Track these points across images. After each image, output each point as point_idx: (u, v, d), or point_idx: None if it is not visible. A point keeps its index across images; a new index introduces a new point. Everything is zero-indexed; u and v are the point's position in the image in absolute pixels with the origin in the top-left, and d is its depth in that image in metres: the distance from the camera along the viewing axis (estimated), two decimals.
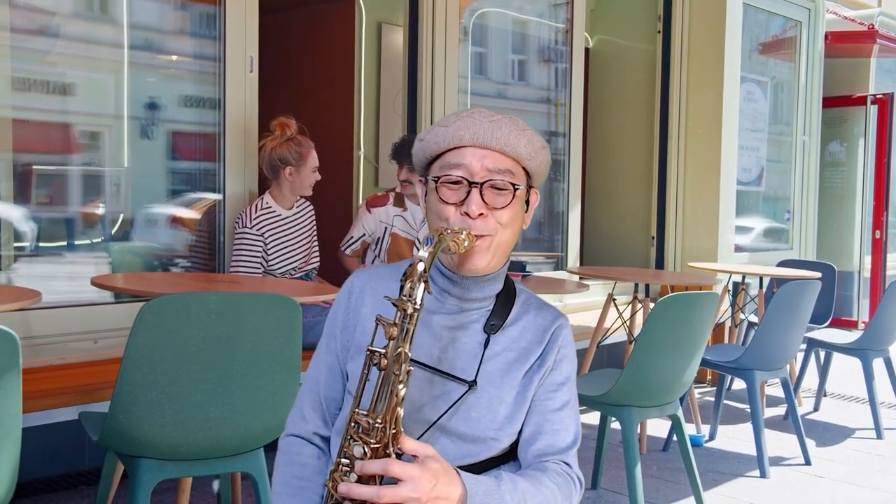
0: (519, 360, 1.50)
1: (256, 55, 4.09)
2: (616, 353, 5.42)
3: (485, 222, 1.44)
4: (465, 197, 1.44)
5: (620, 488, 3.66)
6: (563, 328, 1.55)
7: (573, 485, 1.49)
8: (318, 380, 1.56)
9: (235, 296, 2.34)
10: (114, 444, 2.31)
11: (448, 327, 1.49)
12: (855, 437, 4.74)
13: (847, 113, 7.94)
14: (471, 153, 1.45)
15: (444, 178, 1.46)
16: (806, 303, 4.07)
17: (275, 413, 2.34)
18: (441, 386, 1.45)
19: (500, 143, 1.45)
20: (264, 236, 3.77)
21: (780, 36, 7.05)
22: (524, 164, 1.49)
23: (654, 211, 6.40)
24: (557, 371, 1.53)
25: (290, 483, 1.52)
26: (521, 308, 1.55)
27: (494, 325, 1.50)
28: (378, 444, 1.26)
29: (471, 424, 1.45)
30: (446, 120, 1.48)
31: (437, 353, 1.47)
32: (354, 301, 1.55)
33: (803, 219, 7.22)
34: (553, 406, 1.51)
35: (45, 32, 3.63)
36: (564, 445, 1.51)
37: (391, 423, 1.26)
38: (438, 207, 1.46)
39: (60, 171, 3.79)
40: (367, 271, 1.59)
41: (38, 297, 2.48)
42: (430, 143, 1.49)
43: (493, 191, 1.45)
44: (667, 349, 3.18)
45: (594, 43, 6.85)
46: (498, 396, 1.47)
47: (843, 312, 7.78)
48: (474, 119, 1.45)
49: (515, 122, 1.47)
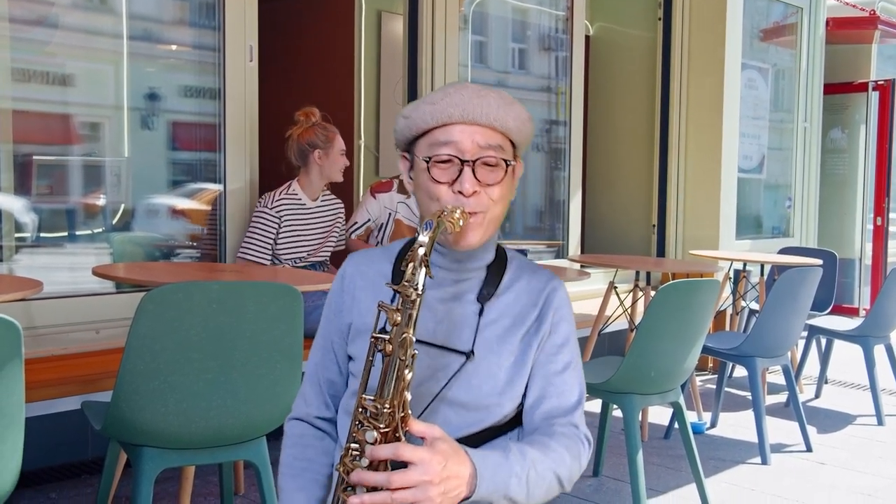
0: (515, 325, 1.50)
1: (256, 44, 4.09)
2: (617, 341, 5.43)
3: (478, 199, 1.43)
4: (457, 175, 1.43)
5: (622, 475, 3.67)
6: (558, 290, 1.55)
7: (581, 445, 1.49)
8: (316, 363, 1.59)
9: (237, 285, 2.34)
10: (116, 434, 2.32)
11: (442, 300, 1.49)
12: (856, 423, 4.75)
13: (848, 99, 7.92)
14: (460, 130, 1.43)
15: (435, 157, 1.44)
16: (807, 290, 4.07)
17: (276, 402, 2.35)
18: (440, 358, 1.45)
19: (489, 119, 1.43)
20: (281, 219, 3.81)
21: (780, 22, 7.03)
22: (511, 138, 1.48)
23: (655, 199, 6.40)
24: (556, 333, 1.52)
25: (294, 465, 1.54)
26: (513, 274, 1.55)
27: (487, 293, 1.50)
28: (387, 428, 1.26)
29: (472, 393, 1.45)
30: (433, 97, 1.46)
31: (432, 326, 1.47)
32: (347, 285, 1.56)
33: (804, 206, 7.22)
34: (555, 369, 1.51)
35: (45, 23, 3.63)
36: (569, 405, 1.51)
37: (399, 407, 1.26)
38: (430, 187, 1.45)
39: (61, 161, 3.78)
40: (358, 255, 1.60)
41: (40, 286, 2.49)
42: (416, 120, 1.46)
43: (485, 168, 1.44)
44: (668, 337, 3.18)
45: (594, 30, 6.83)
46: (497, 363, 1.47)
47: (844, 299, 7.78)
48: (462, 95, 1.43)
49: (503, 96, 1.46)
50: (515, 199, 6.57)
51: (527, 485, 1.36)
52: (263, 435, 2.43)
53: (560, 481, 1.43)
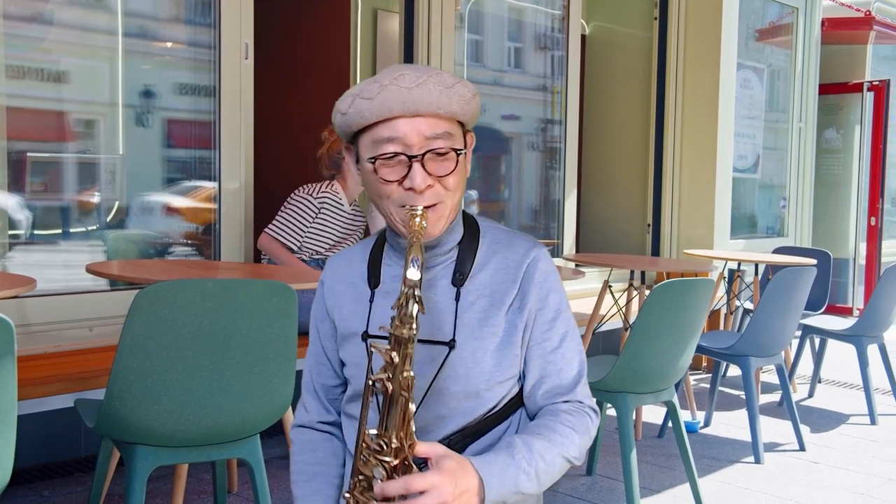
0: (495, 305, 1.43)
1: (252, 42, 4.08)
2: (612, 340, 5.44)
3: (433, 192, 1.37)
4: (406, 172, 1.35)
5: (616, 474, 3.67)
6: (539, 261, 1.47)
7: (588, 418, 1.45)
8: (310, 370, 1.59)
9: (231, 282, 2.34)
10: (109, 431, 2.31)
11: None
12: (849, 423, 4.76)
13: (843, 100, 7.94)
14: (403, 123, 1.34)
15: (380, 156, 1.35)
16: (801, 289, 4.07)
17: (270, 400, 2.35)
18: (423, 353, 1.40)
19: (432, 107, 1.34)
20: (320, 210, 3.86)
21: (776, 22, 7.04)
22: (458, 119, 1.40)
23: (650, 198, 6.40)
24: (545, 308, 1.46)
25: (306, 470, 1.53)
26: (488, 248, 1.48)
27: (462, 275, 1.44)
28: (396, 459, 1.23)
29: (460, 381, 1.41)
30: (368, 89, 1.34)
31: None
32: (327, 291, 1.54)
33: (799, 206, 7.23)
34: (551, 346, 1.46)
35: (40, 19, 3.62)
36: (571, 381, 1.46)
37: (406, 438, 1.23)
38: (379, 188, 1.37)
39: (55, 158, 3.78)
40: (335, 259, 1.57)
41: (34, 284, 2.48)
42: (353, 117, 1.37)
43: (435, 159, 1.36)
44: (662, 336, 3.19)
45: (590, 30, 6.83)
46: (481, 347, 1.42)
47: (838, 299, 7.80)
48: (399, 86, 1.33)
49: (443, 79, 1.35)
50: (510, 198, 6.55)
51: (537, 477, 1.34)
52: (257, 433, 2.43)
53: (570, 461, 1.41)
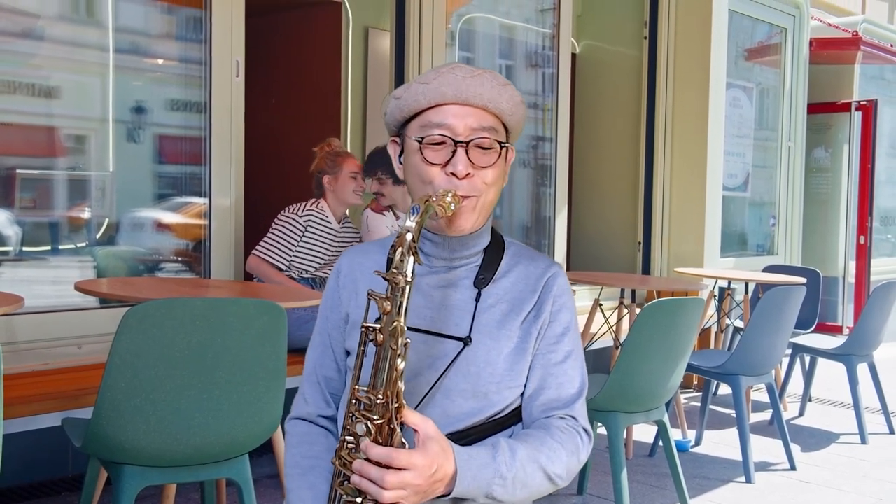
0: (513, 311, 1.47)
1: (243, 59, 4.08)
2: (602, 359, 5.43)
3: (471, 182, 1.41)
4: (450, 157, 1.40)
5: (607, 494, 3.66)
6: (558, 277, 1.52)
7: (579, 438, 1.46)
8: (314, 361, 1.57)
9: (220, 301, 2.33)
10: (97, 451, 2.29)
11: (438, 287, 1.47)
12: (839, 441, 4.76)
13: (832, 119, 7.99)
14: (453, 111, 1.40)
15: (428, 138, 1.41)
16: (791, 308, 4.08)
17: (259, 419, 2.33)
18: (437, 346, 1.42)
19: (482, 100, 1.41)
20: (306, 229, 3.85)
21: (765, 42, 7.09)
22: (504, 120, 1.46)
23: (640, 216, 6.42)
24: (556, 322, 1.50)
25: (301, 463, 1.52)
26: (511, 259, 1.52)
27: (484, 278, 1.48)
28: (381, 419, 1.25)
29: (470, 379, 1.42)
30: (425, 76, 1.42)
31: (429, 314, 1.45)
32: (343, 280, 1.54)
33: (788, 224, 7.26)
34: (555, 359, 1.48)
35: (30, 35, 3.61)
36: (569, 397, 1.48)
37: (393, 397, 1.25)
38: (422, 169, 1.42)
39: (45, 174, 3.76)
40: (354, 250, 1.59)
41: (21, 301, 2.46)
42: (408, 100, 1.43)
43: (478, 150, 1.41)
44: (653, 354, 3.19)
45: (581, 48, 6.86)
46: (496, 348, 1.44)
47: (827, 318, 7.82)
48: (455, 75, 1.40)
49: (496, 77, 1.43)
50: (501, 214, 6.55)
51: (512, 486, 1.34)
52: (246, 453, 2.41)
53: (552, 478, 1.40)
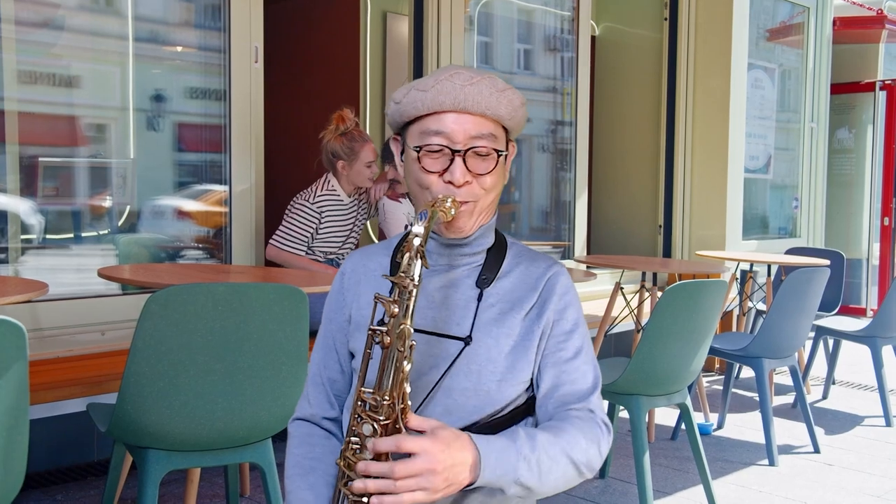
0: (513, 309, 1.47)
1: (261, 45, 4.09)
2: (624, 342, 5.42)
3: (469, 189, 1.43)
4: (448, 165, 1.41)
5: (629, 477, 3.66)
6: (560, 275, 1.52)
7: (599, 429, 1.45)
8: (318, 363, 1.57)
9: (242, 286, 2.34)
10: (122, 436, 2.31)
11: (439, 287, 1.48)
12: (864, 424, 4.73)
13: (855, 99, 7.90)
14: (451, 119, 1.41)
15: (425, 146, 1.42)
16: (814, 290, 4.05)
17: (282, 403, 2.35)
18: (439, 346, 1.44)
19: (480, 107, 1.41)
20: (321, 216, 3.85)
21: (787, 22, 7.01)
22: (504, 124, 1.46)
23: (661, 199, 6.38)
24: (563, 320, 1.49)
25: (302, 464, 1.52)
26: (513, 260, 1.53)
27: (486, 278, 1.49)
28: (387, 420, 1.25)
29: (472, 377, 1.43)
30: (424, 83, 1.43)
31: (430, 314, 1.46)
32: (347, 281, 1.55)
33: (811, 206, 7.20)
34: (566, 356, 1.48)
35: (51, 25, 3.63)
36: (584, 391, 1.47)
37: (399, 398, 1.26)
38: (420, 177, 1.44)
39: (67, 163, 3.79)
40: (358, 252, 1.60)
41: (45, 288, 2.49)
42: (406, 107, 1.44)
43: (476, 157, 1.42)
44: (675, 337, 3.17)
45: (600, 31, 6.82)
46: (496, 346, 1.45)
47: (851, 300, 7.76)
48: (453, 83, 1.40)
49: (495, 83, 1.43)
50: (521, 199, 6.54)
51: (538, 469, 1.33)
52: (269, 437, 2.43)
53: (577, 466, 1.39)
